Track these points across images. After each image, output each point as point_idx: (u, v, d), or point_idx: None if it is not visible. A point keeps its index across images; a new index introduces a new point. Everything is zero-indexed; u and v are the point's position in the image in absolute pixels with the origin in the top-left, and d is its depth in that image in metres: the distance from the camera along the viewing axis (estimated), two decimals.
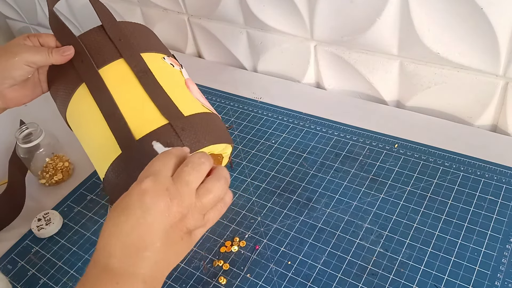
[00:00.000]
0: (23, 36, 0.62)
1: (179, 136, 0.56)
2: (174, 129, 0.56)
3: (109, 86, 0.59)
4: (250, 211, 0.65)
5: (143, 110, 0.58)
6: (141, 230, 0.40)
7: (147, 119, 0.57)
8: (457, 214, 0.59)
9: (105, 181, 0.58)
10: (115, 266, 0.39)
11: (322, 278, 0.55)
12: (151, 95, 0.59)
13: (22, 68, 0.59)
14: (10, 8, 1.27)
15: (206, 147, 0.58)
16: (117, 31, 0.64)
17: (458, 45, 0.65)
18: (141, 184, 0.41)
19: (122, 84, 0.60)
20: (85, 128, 0.61)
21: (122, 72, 0.61)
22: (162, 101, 0.58)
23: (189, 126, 0.57)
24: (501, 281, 0.51)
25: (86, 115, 0.60)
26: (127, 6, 1.03)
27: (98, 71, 0.60)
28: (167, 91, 0.60)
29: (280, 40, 0.84)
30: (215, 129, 0.60)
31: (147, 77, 0.60)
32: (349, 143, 0.71)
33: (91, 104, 0.59)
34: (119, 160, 0.56)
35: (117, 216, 0.41)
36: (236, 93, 0.86)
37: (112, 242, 0.40)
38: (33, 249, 0.66)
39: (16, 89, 0.63)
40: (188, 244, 0.44)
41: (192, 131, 0.57)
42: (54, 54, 0.60)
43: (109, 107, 0.58)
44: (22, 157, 0.74)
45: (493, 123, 0.71)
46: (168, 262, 0.42)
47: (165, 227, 0.40)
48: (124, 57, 0.61)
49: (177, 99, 0.59)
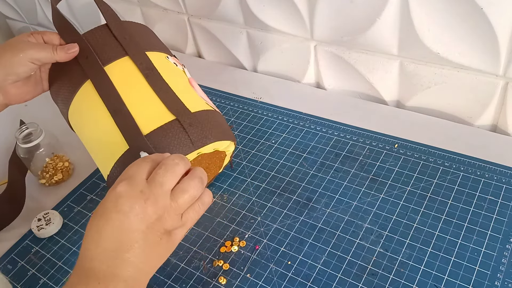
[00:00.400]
0: (27, 33, 0.62)
1: (186, 131, 0.56)
2: (182, 124, 0.56)
3: (115, 83, 0.60)
4: (250, 211, 0.65)
5: (150, 106, 0.58)
6: (119, 233, 0.41)
7: (154, 115, 0.57)
8: (457, 214, 0.59)
9: (110, 178, 0.58)
10: (97, 269, 0.40)
11: (322, 278, 0.55)
12: (157, 92, 0.59)
13: (27, 65, 0.60)
14: (10, 8, 1.27)
15: (212, 143, 0.58)
16: (122, 30, 0.64)
17: (458, 45, 0.65)
18: (116, 188, 0.42)
19: (128, 81, 0.60)
20: (89, 126, 0.61)
21: (128, 69, 0.61)
22: (169, 97, 0.59)
23: (196, 122, 0.58)
24: (501, 281, 0.51)
25: (90, 112, 0.61)
26: (127, 6, 1.03)
27: (104, 68, 0.60)
28: (172, 88, 0.60)
29: (280, 40, 0.84)
30: (221, 126, 0.61)
31: (153, 74, 0.61)
32: (349, 143, 0.71)
33: (96, 101, 0.59)
34: (126, 155, 0.56)
35: (96, 222, 0.42)
36: (236, 93, 0.86)
37: (93, 246, 0.41)
38: (33, 249, 0.66)
39: (19, 86, 0.63)
40: (169, 244, 0.45)
41: (199, 127, 0.57)
42: (59, 51, 0.60)
43: (116, 104, 0.58)
44: (22, 157, 0.74)
45: (493, 123, 0.71)
46: (150, 263, 0.43)
47: (141, 228, 0.41)
48: (130, 54, 0.62)
49: (182, 96, 0.60)
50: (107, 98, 0.59)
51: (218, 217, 0.65)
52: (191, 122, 0.57)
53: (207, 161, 0.63)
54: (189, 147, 0.56)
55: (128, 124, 0.57)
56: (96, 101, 0.59)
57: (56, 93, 0.65)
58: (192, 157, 0.58)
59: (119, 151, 0.56)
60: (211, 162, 0.64)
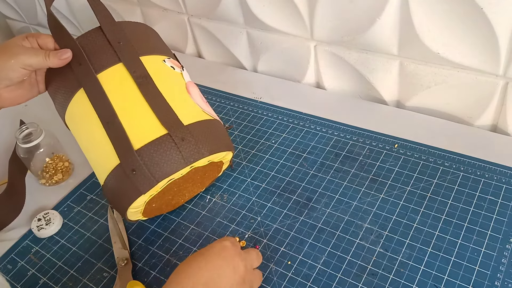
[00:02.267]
0: (22, 36, 0.61)
1: (178, 147, 0.56)
2: (174, 139, 0.56)
3: (108, 92, 0.59)
4: (250, 211, 0.65)
5: (142, 118, 0.58)
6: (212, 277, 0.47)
7: (146, 129, 0.57)
8: (457, 214, 0.59)
9: (105, 187, 0.58)
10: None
11: (322, 278, 0.55)
12: (150, 103, 0.58)
13: (19, 71, 0.59)
14: (10, 8, 1.27)
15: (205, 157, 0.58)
16: (116, 33, 0.63)
17: (458, 45, 0.65)
18: (222, 242, 0.50)
19: (121, 90, 0.59)
20: (84, 134, 0.61)
21: (121, 78, 0.60)
22: (162, 108, 0.58)
23: (189, 135, 0.57)
24: (501, 281, 0.51)
25: (85, 121, 0.60)
26: (127, 6, 1.03)
27: (97, 76, 0.60)
28: (166, 97, 0.59)
29: (280, 40, 0.84)
30: (216, 138, 0.60)
31: (147, 83, 0.60)
32: (349, 143, 0.71)
33: (89, 110, 0.59)
34: (118, 169, 0.56)
35: (198, 261, 0.48)
36: (236, 93, 0.86)
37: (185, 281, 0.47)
38: (33, 249, 0.66)
39: (12, 90, 0.62)
40: None
41: (192, 142, 0.57)
42: (51, 57, 0.60)
43: (108, 115, 0.58)
44: (22, 157, 0.74)
45: (493, 123, 0.71)
46: None
47: (234, 278, 0.48)
48: (123, 61, 0.61)
49: (176, 106, 0.59)
50: (99, 109, 0.58)
51: (218, 217, 0.65)
52: (183, 136, 0.56)
53: (203, 171, 0.62)
54: (180, 164, 0.56)
55: (119, 138, 0.56)
56: (90, 110, 0.59)
57: (53, 95, 0.65)
58: (185, 172, 0.58)
59: (112, 164, 0.56)
60: (208, 171, 0.63)
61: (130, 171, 0.55)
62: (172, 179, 0.57)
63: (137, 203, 0.57)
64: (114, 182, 0.57)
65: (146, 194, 0.56)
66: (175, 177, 0.57)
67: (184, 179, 0.60)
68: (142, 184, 0.55)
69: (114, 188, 0.57)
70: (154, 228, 0.65)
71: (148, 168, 0.55)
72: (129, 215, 0.60)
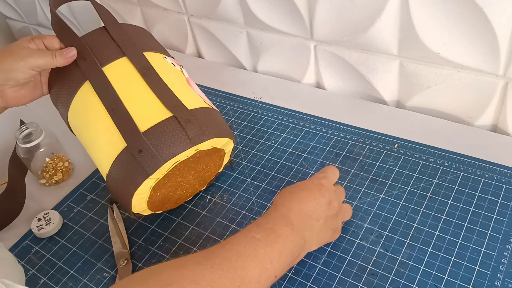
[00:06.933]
0: (27, 38, 0.63)
1: (184, 128, 0.56)
2: (179, 121, 0.57)
3: (113, 83, 0.60)
4: (250, 211, 0.65)
5: (147, 104, 0.59)
6: (314, 207, 0.52)
7: (151, 112, 0.58)
8: (457, 214, 0.59)
9: (109, 177, 0.58)
10: (291, 219, 0.50)
11: (322, 278, 0.55)
12: (154, 90, 0.60)
13: (27, 72, 0.61)
14: (10, 8, 1.27)
15: (210, 140, 0.58)
16: (120, 32, 0.65)
17: (458, 45, 0.65)
18: (321, 180, 0.54)
19: (126, 80, 0.61)
20: (88, 125, 0.62)
21: (125, 69, 0.62)
22: (166, 95, 0.59)
23: (193, 118, 0.58)
24: (501, 281, 0.51)
25: (89, 112, 0.61)
26: (127, 6, 1.03)
27: (102, 69, 0.61)
28: (170, 86, 0.61)
29: (280, 40, 0.84)
30: (218, 123, 0.61)
31: (150, 73, 0.61)
32: (349, 143, 0.71)
33: (94, 101, 0.60)
34: (124, 153, 0.56)
35: (299, 192, 0.53)
36: (236, 93, 0.86)
37: (293, 205, 0.52)
38: (33, 249, 0.66)
39: (17, 90, 0.64)
40: (328, 238, 0.56)
41: (197, 123, 0.58)
42: (58, 57, 0.61)
43: (113, 102, 0.59)
44: (22, 157, 0.74)
45: (493, 123, 0.71)
46: (316, 241, 0.54)
47: (328, 213, 0.53)
48: (127, 55, 0.63)
49: (180, 94, 0.60)
50: (105, 97, 0.59)
51: (218, 217, 0.65)
52: (188, 118, 0.57)
53: (206, 158, 0.63)
54: (187, 143, 0.57)
55: (125, 122, 0.57)
56: (95, 101, 0.60)
57: (56, 97, 0.66)
58: (190, 154, 0.58)
59: (117, 149, 0.57)
60: (210, 160, 0.64)
61: (137, 152, 0.55)
62: (178, 160, 0.58)
63: (143, 188, 0.57)
64: (119, 168, 0.57)
65: (152, 177, 0.56)
66: (181, 158, 0.58)
67: (188, 165, 0.60)
68: (149, 165, 0.55)
69: (120, 175, 0.57)
70: (154, 228, 0.65)
71: (155, 148, 0.55)
72: (134, 205, 0.59)
